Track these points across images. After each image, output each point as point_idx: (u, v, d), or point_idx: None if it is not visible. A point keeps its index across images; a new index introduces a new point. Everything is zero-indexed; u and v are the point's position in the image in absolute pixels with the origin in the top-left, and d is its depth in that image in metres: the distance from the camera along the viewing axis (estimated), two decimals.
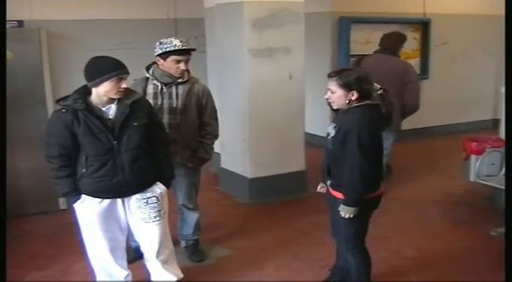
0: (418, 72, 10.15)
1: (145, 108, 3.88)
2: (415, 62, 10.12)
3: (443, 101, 10.32)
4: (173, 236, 5.23)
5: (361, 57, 7.33)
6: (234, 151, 6.94)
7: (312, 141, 7.56)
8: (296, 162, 6.86)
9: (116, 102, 3.67)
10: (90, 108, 3.62)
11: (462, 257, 5.07)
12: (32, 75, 6.01)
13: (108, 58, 3.67)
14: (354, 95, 3.70)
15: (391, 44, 7.12)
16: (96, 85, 3.59)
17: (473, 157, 5.93)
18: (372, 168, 3.70)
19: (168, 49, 4.50)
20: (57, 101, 3.70)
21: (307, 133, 7.01)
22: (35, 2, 9.03)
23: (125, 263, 4.12)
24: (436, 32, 10.08)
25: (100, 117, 3.63)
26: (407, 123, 9.90)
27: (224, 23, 6.73)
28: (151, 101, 4.57)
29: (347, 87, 3.69)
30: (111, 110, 3.68)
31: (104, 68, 3.58)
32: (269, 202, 6.58)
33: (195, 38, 9.67)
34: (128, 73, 3.68)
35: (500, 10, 4.24)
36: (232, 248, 5.35)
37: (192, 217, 5.08)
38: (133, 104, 3.70)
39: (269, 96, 6.51)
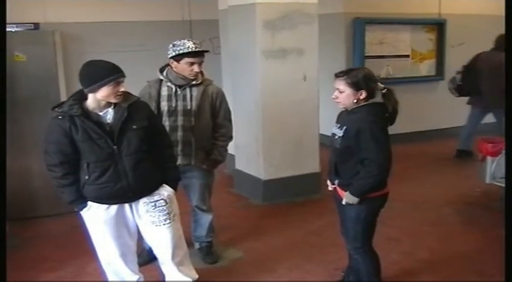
0: (433, 73, 10.14)
1: (144, 111, 3.83)
2: (430, 63, 10.09)
3: (459, 102, 10.21)
4: (187, 237, 5.24)
5: (478, 54, 8.57)
6: (248, 153, 6.94)
7: (326, 142, 7.53)
8: (310, 164, 6.84)
9: (112, 106, 3.63)
10: (87, 114, 3.57)
11: (476, 259, 5.02)
12: (46, 77, 6.05)
13: (103, 62, 3.60)
14: (363, 94, 3.72)
15: (500, 42, 8.16)
16: (93, 91, 3.52)
17: (489, 159, 5.88)
18: (387, 163, 3.71)
19: (181, 51, 4.49)
20: (53, 108, 3.64)
21: (321, 134, 6.99)
22: (49, 5, 9.09)
23: (135, 266, 4.09)
24: (451, 32, 10.00)
25: (98, 122, 3.58)
26: (423, 124, 9.89)
27: (237, 25, 6.73)
28: (165, 103, 4.58)
29: (356, 86, 3.71)
30: (109, 114, 3.63)
31: (100, 72, 3.51)
32: (282, 203, 6.58)
33: (209, 39, 9.69)
34: (124, 76, 3.60)
35: None
36: (246, 250, 5.34)
37: (206, 219, 5.08)
38: (130, 107, 3.64)
39: (282, 98, 6.50)
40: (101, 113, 3.62)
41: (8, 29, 8.46)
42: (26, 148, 6.01)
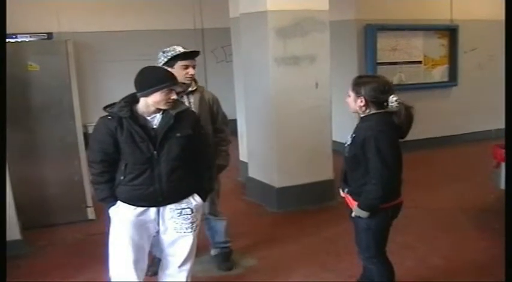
0: (446, 79, 10.10)
1: (191, 120, 3.86)
2: (443, 69, 10.05)
3: (472, 108, 10.20)
4: (200, 245, 5.26)
5: None
6: (262, 160, 6.94)
7: (339, 149, 7.51)
8: (324, 171, 6.82)
9: (161, 113, 3.69)
10: (135, 117, 3.64)
11: (490, 266, 4.97)
12: (59, 86, 6.08)
13: (160, 69, 3.73)
14: (362, 102, 3.71)
15: None
16: (147, 95, 3.60)
17: (503, 164, 5.83)
18: (392, 176, 3.67)
19: (173, 55, 4.50)
20: (104, 108, 3.71)
21: (334, 141, 6.98)
22: (62, 15, 9.16)
23: (143, 275, 4.01)
24: (464, 38, 9.97)
25: (143, 126, 3.64)
26: (437, 131, 9.85)
27: (249, 32, 6.75)
28: None
29: (357, 92, 3.72)
30: (156, 120, 3.69)
31: (156, 78, 3.60)
32: (296, 211, 6.57)
33: (221, 47, 9.73)
34: (177, 84, 3.72)
35: None
36: (260, 258, 5.33)
37: (221, 225, 5.09)
38: (178, 115, 3.69)
39: (295, 105, 6.50)
40: (148, 118, 3.69)
41: (21, 39, 8.55)
42: (39, 156, 6.05)
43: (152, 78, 3.62)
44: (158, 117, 3.70)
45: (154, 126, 3.68)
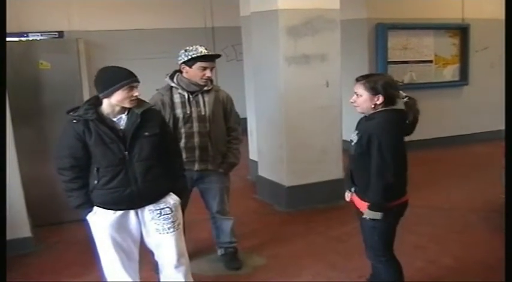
0: (457, 78, 10.06)
1: (157, 118, 3.85)
2: (454, 68, 10.00)
3: (484, 107, 10.15)
4: (209, 244, 5.27)
5: None
6: (271, 159, 6.93)
7: (349, 148, 7.51)
8: (334, 170, 6.80)
9: (126, 113, 3.66)
10: (101, 119, 3.60)
11: (500, 267, 4.93)
12: (70, 84, 6.10)
13: (118, 68, 3.66)
14: (380, 99, 3.69)
15: None
16: (108, 95, 3.56)
17: None
18: (393, 175, 3.64)
19: (194, 55, 4.51)
20: (68, 112, 3.68)
21: (344, 141, 6.96)
22: (73, 13, 9.20)
23: (137, 275, 4.02)
24: (475, 37, 9.93)
25: (111, 127, 3.61)
26: (447, 130, 9.82)
27: (260, 31, 6.74)
28: (179, 110, 4.60)
29: (373, 90, 3.69)
30: (122, 120, 3.66)
31: (115, 77, 3.57)
32: (306, 210, 6.56)
33: (232, 46, 9.72)
34: (138, 81, 3.64)
35: None
36: (269, 257, 5.32)
37: (227, 224, 5.08)
38: (144, 114, 3.66)
39: (305, 104, 6.49)
40: (114, 119, 3.65)
41: (32, 37, 8.58)
42: (50, 155, 6.04)
43: (111, 78, 3.58)
44: (124, 117, 3.66)
45: (122, 127, 3.65)
